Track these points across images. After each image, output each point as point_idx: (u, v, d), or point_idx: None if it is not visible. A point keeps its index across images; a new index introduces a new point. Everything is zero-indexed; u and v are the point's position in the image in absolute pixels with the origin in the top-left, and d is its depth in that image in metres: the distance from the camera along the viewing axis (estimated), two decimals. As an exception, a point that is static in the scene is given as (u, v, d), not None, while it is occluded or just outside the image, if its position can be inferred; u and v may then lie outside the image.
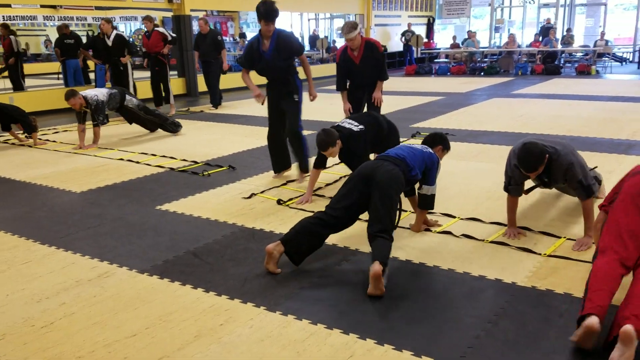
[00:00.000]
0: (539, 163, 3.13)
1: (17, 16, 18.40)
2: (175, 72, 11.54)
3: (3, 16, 17.61)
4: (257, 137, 7.02)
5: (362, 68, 5.16)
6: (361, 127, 4.14)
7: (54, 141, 7.19)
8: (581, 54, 16.27)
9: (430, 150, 3.52)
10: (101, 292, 2.89)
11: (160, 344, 2.39)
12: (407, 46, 18.26)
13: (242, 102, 10.84)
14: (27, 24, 19.66)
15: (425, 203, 3.49)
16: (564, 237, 3.44)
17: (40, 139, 7.13)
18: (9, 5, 14.38)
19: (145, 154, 6.24)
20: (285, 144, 5.04)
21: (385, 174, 3.10)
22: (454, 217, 3.86)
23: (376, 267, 2.70)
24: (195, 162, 5.81)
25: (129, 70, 9.11)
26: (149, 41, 9.14)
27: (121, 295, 2.85)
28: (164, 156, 6.13)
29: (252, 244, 3.53)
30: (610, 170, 4.92)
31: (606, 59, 15.91)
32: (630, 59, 18.01)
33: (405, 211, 3.84)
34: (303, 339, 2.39)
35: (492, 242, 3.41)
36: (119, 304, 2.76)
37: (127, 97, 7.02)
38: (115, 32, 8.97)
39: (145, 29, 9.35)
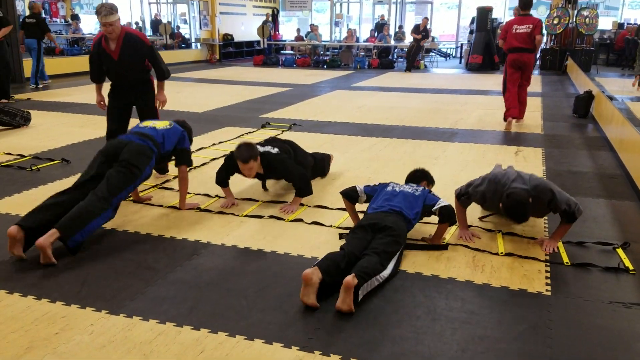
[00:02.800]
0: (529, 212, 3.11)
1: None
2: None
3: None
4: (95, 127, 6.55)
5: (122, 66, 4.27)
6: (276, 149, 3.96)
7: None
8: (412, 49, 17.69)
9: (421, 188, 3.39)
10: None
11: (-17, 363, 2.14)
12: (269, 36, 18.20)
13: (77, 89, 9.98)
14: None
15: (449, 215, 3.23)
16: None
17: None
18: None
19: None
20: None
21: (392, 221, 3.03)
22: (302, 205, 3.99)
23: (349, 278, 2.51)
24: (22, 156, 5.24)
25: None
26: None
27: None
28: (-19, 150, 5.43)
29: (92, 244, 3.29)
30: (436, 156, 5.47)
31: (433, 54, 17.53)
32: (453, 54, 20.09)
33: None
34: (150, 340, 2.30)
35: (337, 227, 3.60)
36: None
37: None
38: None
39: None
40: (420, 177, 3.68)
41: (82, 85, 10.51)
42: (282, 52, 18.31)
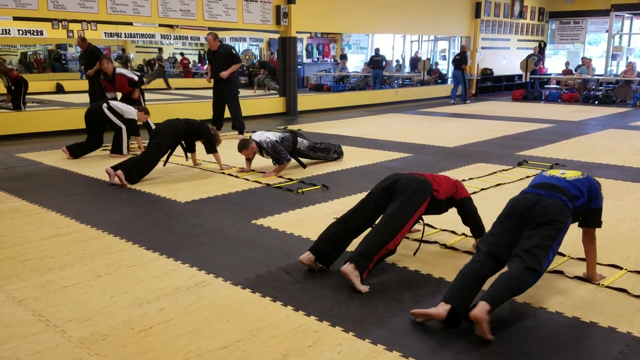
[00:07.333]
0: None
1: (137, 34, 20.15)
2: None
3: (125, 33, 19.33)
4: (352, 158, 7.02)
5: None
6: None
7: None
8: None
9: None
10: (197, 300, 2.97)
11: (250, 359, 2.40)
12: (534, 70, 17.32)
13: (339, 122, 10.92)
14: (146, 41, 21.41)
15: None
16: (693, 288, 3.05)
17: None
18: (130, 24, 15.68)
19: (244, 168, 6.42)
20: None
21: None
22: (564, 255, 3.57)
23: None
24: (291, 180, 5.89)
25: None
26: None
27: (215, 305, 2.91)
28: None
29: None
30: None
31: None
32: None
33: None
34: (393, 372, 2.29)
35: (607, 287, 3.11)
36: (214, 314, 2.81)
37: (299, 139, 6.50)
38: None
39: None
40: None
41: (344, 118, 11.46)
42: (545, 86, 17.14)
